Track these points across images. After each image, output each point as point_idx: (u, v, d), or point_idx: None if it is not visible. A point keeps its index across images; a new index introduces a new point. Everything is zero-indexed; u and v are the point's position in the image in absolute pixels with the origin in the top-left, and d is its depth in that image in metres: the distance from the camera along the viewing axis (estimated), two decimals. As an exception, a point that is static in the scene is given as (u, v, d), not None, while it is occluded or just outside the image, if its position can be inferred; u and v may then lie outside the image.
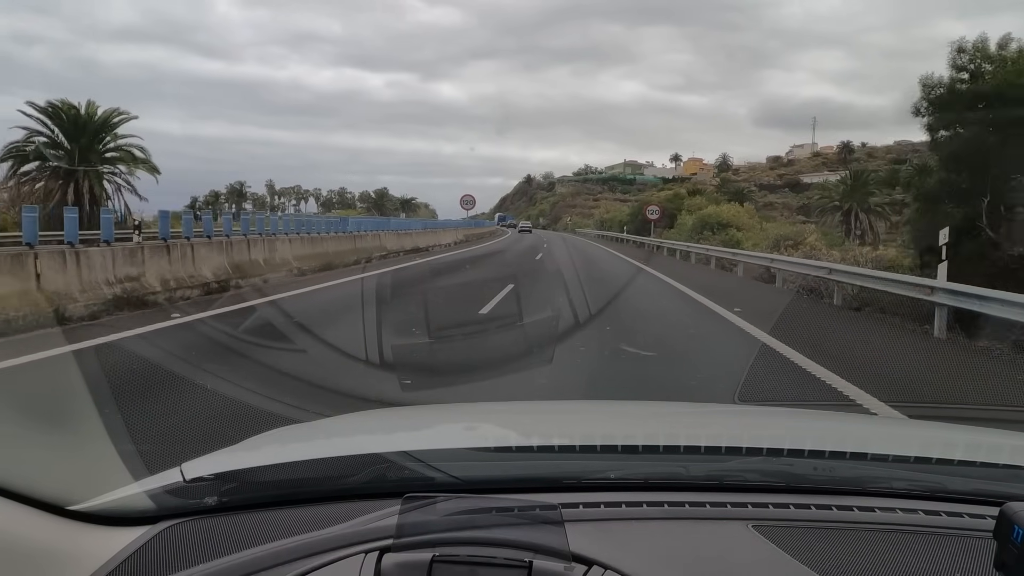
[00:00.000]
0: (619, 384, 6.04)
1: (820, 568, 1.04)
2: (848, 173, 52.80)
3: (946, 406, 5.69)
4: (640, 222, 45.97)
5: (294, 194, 74.16)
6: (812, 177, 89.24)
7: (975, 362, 8.23)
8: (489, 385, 5.51)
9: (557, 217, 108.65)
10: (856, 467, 1.41)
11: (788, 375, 6.55)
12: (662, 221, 41.63)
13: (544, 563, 1.01)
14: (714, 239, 28.91)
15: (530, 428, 1.89)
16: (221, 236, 13.83)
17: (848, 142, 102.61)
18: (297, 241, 17.23)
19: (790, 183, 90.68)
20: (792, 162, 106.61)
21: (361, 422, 2.05)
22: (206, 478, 1.28)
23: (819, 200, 52.45)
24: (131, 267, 10.32)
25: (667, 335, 9.12)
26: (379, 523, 1.12)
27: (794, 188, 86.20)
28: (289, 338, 7.76)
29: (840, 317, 11.98)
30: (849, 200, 47.30)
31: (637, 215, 50.51)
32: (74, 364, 6.23)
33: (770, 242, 23.01)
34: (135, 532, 1.17)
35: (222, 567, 1.06)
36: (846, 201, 47.52)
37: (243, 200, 70.05)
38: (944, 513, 1.23)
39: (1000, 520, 0.93)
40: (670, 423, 2.02)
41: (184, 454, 1.49)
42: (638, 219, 48.38)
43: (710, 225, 32.27)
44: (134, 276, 10.28)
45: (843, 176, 53.87)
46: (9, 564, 1.04)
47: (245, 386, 5.04)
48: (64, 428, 3.45)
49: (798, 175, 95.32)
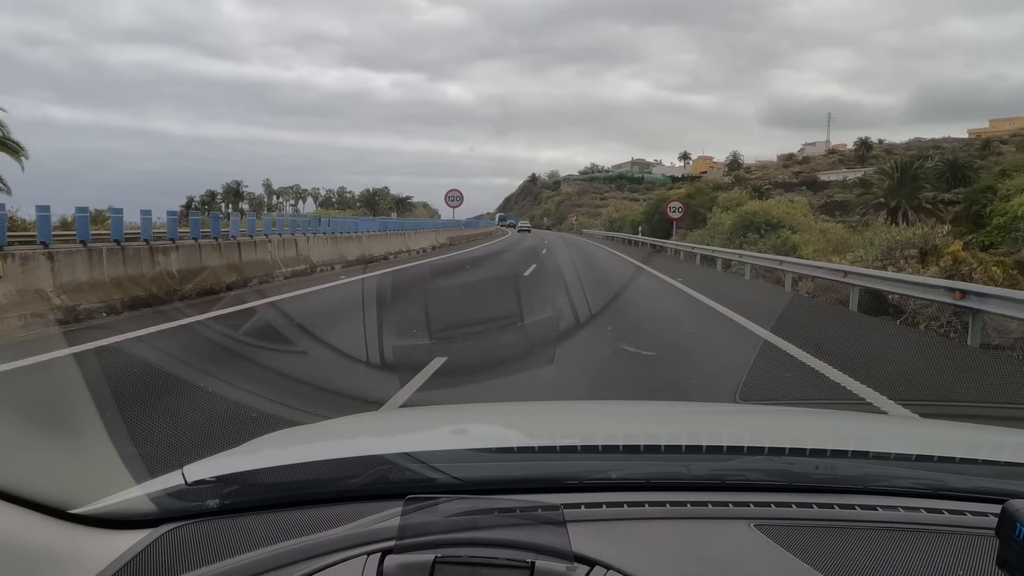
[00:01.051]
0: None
1: (823, 567, 1.04)
2: (894, 164, 46.22)
3: (952, 404, 5.67)
4: (658, 221, 41.39)
5: (292, 193, 71.87)
6: (830, 175, 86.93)
7: None
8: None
9: (562, 217, 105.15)
10: (858, 465, 1.41)
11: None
12: (684, 220, 35.49)
13: (546, 563, 1.01)
14: (763, 243, 23.85)
15: (531, 428, 1.89)
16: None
17: (866, 138, 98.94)
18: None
19: (807, 181, 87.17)
20: (807, 159, 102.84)
21: (362, 424, 2.06)
22: (208, 480, 1.28)
23: (861, 197, 46.38)
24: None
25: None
26: (381, 524, 1.12)
27: (811, 186, 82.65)
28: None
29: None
30: (896, 196, 41.79)
31: (654, 213, 45.83)
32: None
33: (878, 250, 15.01)
34: (137, 535, 1.17)
35: (224, 569, 1.06)
36: (893, 198, 41.93)
37: (240, 200, 68.04)
38: (946, 511, 1.23)
39: (1002, 518, 0.93)
40: (672, 422, 2.02)
41: (185, 457, 1.49)
42: (655, 218, 44.15)
43: (755, 225, 26.41)
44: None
45: (883, 168, 47.69)
46: (11, 567, 1.04)
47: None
48: (66, 431, 3.45)
49: (814, 173, 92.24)
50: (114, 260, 10.23)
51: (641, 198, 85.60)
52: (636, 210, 63.05)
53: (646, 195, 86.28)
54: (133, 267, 10.60)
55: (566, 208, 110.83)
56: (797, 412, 2.82)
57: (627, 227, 52.05)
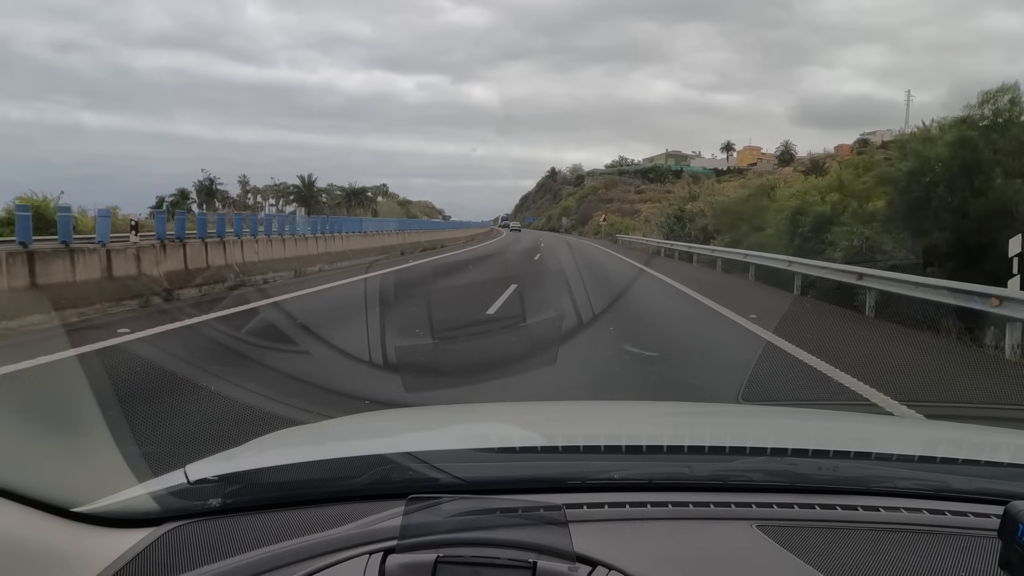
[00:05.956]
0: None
1: (825, 568, 1.04)
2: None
3: (956, 405, 5.64)
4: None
5: (274, 192, 64.17)
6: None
7: None
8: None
9: (586, 216, 79.93)
10: (860, 466, 1.41)
11: None
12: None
13: (548, 564, 1.01)
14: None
15: (534, 429, 1.89)
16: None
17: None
18: None
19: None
20: (886, 145, 70.02)
21: (365, 423, 2.06)
22: (210, 480, 1.28)
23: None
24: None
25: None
26: (383, 524, 1.12)
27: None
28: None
29: None
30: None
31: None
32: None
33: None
34: (140, 534, 1.17)
35: (226, 568, 1.06)
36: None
37: (213, 198, 60.34)
38: (949, 512, 1.23)
39: (1005, 519, 0.92)
40: (674, 423, 2.02)
41: (188, 456, 1.49)
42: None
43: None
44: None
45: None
46: (15, 565, 1.04)
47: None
48: (69, 431, 3.45)
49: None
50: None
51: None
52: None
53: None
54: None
55: (591, 204, 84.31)
56: (800, 413, 2.82)
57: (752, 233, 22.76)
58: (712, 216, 28.71)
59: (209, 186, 57.21)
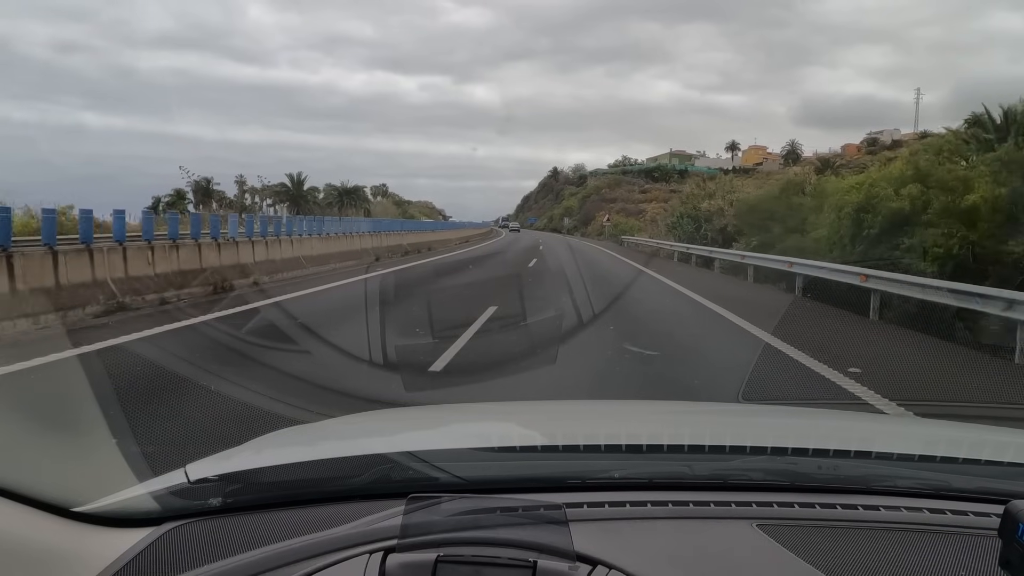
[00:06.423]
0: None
1: (825, 567, 1.04)
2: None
3: (953, 404, 5.65)
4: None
5: (271, 192, 63.43)
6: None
7: None
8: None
9: (589, 216, 78.40)
10: (861, 466, 1.41)
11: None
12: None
13: (548, 563, 1.01)
14: None
15: (534, 428, 1.89)
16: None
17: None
18: None
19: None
20: (896, 143, 66.68)
21: (365, 423, 2.06)
22: (210, 479, 1.28)
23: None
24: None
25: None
26: (383, 523, 1.12)
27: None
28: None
29: None
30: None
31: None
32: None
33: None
34: (140, 533, 1.17)
35: (227, 568, 1.06)
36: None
37: (210, 199, 60.10)
38: (949, 511, 1.23)
39: (1005, 518, 0.93)
40: (674, 422, 2.02)
41: (188, 455, 1.49)
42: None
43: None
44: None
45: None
46: (15, 565, 1.04)
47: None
48: (69, 431, 3.45)
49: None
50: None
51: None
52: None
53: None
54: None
55: (594, 204, 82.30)
56: (800, 412, 2.82)
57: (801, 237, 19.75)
58: (735, 216, 25.25)
59: (206, 187, 57.18)
